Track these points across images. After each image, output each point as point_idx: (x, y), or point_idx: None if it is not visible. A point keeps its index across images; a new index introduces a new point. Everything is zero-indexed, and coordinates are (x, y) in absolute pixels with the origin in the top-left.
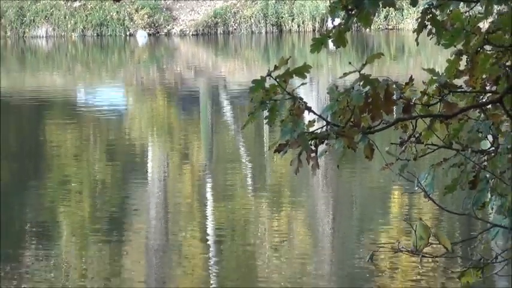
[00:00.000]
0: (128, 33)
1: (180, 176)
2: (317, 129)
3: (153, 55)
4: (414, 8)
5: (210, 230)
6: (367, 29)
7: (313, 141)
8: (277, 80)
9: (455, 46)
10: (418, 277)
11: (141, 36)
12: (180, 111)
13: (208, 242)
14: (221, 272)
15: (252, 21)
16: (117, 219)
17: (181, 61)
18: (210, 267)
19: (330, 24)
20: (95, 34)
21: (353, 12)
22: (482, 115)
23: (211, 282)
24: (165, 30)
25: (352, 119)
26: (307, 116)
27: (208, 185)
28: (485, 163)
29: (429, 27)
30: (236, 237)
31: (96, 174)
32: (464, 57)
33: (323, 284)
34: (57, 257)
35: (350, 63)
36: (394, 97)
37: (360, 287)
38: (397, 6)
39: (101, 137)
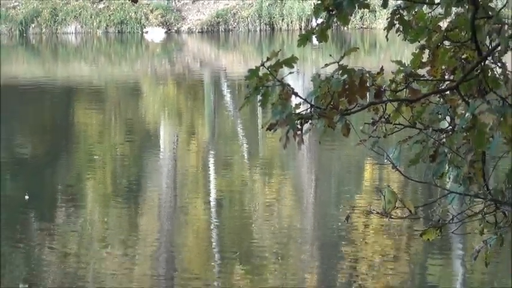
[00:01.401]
0: (143, 31)
1: (187, 150)
2: (302, 111)
3: (165, 49)
4: (385, 10)
5: (212, 195)
6: (345, 28)
7: (298, 121)
8: (269, 69)
9: (419, 41)
10: (387, 235)
11: (157, 33)
12: (187, 96)
13: (211, 204)
14: (221, 229)
15: (249, 20)
16: (134, 186)
17: (189, 54)
18: (211, 225)
19: (314, 23)
20: (116, 31)
21: (333, 12)
22: (442, 100)
23: (213, 237)
24: (175, 28)
25: (332, 103)
26: (294, 100)
27: (211, 158)
28: (444, 140)
29: (397, 25)
30: (233, 200)
31: (117, 148)
32: (427, 51)
33: (308, 238)
34: (83, 216)
35: (330, 55)
36: (367, 84)
37: (337, 242)
38: (370, 7)
39: (121, 117)
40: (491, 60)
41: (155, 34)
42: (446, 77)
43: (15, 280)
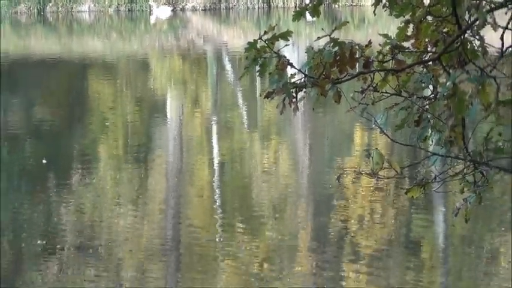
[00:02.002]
0: (151, 8)
1: (192, 116)
2: (297, 80)
3: (171, 26)
4: None
5: (214, 157)
6: (336, 5)
7: (294, 90)
8: (267, 42)
9: (404, 17)
10: (375, 193)
11: (163, 11)
12: (192, 69)
13: (213, 166)
14: (222, 187)
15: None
16: (143, 149)
17: (193, 30)
18: (214, 184)
19: (307, 1)
20: (127, 9)
21: None
22: (425, 70)
23: (216, 194)
24: (180, 6)
25: (324, 72)
26: (290, 70)
27: (213, 124)
28: (427, 106)
29: (384, 1)
30: (234, 162)
31: (127, 115)
32: (411, 25)
33: (302, 195)
34: (97, 177)
35: (323, 29)
36: (357, 56)
37: (329, 199)
38: None
39: (131, 88)
40: (470, 34)
41: (162, 12)
42: (429, 49)
43: (35, 236)
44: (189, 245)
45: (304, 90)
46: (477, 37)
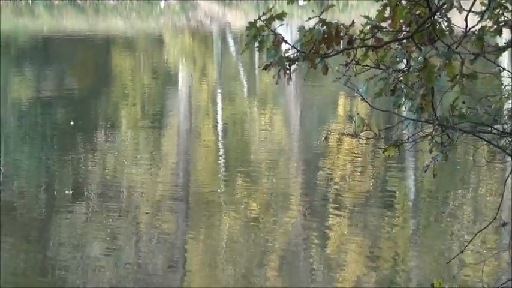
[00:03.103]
0: None
1: (200, 87)
2: (290, 55)
3: (182, 8)
4: None
5: (219, 121)
6: None
7: (287, 63)
8: (265, 22)
9: (382, 0)
10: (356, 150)
11: None
12: (200, 45)
13: (218, 129)
14: (225, 146)
15: None
16: (158, 114)
17: (201, 12)
18: (219, 144)
19: None
20: None
21: None
22: (400, 46)
23: (220, 152)
24: None
25: (313, 48)
26: (284, 46)
27: (218, 92)
28: (401, 78)
29: None
30: (236, 125)
31: (145, 85)
32: (388, 8)
33: (294, 153)
34: (118, 137)
35: (313, 11)
36: (341, 34)
37: (317, 157)
38: None
39: (148, 61)
40: (439, 16)
41: None
42: (403, 28)
43: (63, 187)
44: (196, 190)
45: (296, 63)
46: (445, 18)
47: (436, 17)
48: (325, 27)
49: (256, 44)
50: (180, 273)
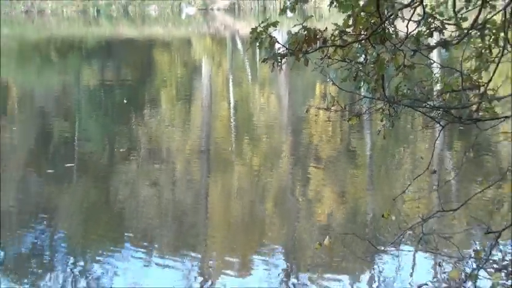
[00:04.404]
0: (181, 8)
1: (217, 75)
2: (281, 51)
3: (203, 19)
4: None
5: (231, 100)
6: (305, 6)
7: (279, 57)
8: (263, 28)
9: (347, 12)
10: (329, 121)
11: (191, 10)
12: (216, 45)
13: (230, 106)
14: (236, 117)
15: (251, 4)
16: (187, 95)
17: (218, 22)
18: (231, 115)
19: (288, 3)
20: (177, 10)
21: None
22: (360, 45)
23: (231, 121)
24: (210, 7)
25: (298, 47)
26: (277, 45)
27: (230, 79)
28: (361, 68)
29: (335, 3)
30: (242, 101)
31: (177, 74)
32: (352, 18)
33: (284, 122)
34: (159, 111)
35: (297, 20)
36: (318, 36)
37: (301, 125)
38: None
39: (179, 57)
40: (388, 23)
41: (190, 10)
42: (362, 32)
43: (120, 146)
44: (215, 147)
45: (286, 57)
46: (392, 25)
47: (385, 24)
48: (306, 32)
49: (257, 44)
50: (203, 206)
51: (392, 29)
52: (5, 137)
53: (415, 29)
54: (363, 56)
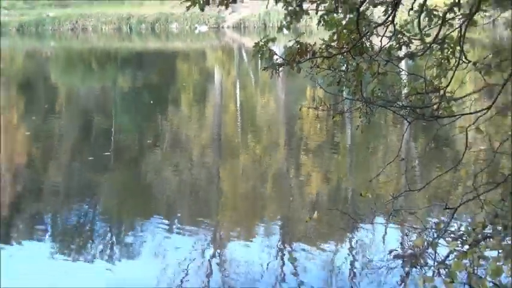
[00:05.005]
0: (196, 26)
1: (226, 80)
2: (278, 61)
3: (216, 35)
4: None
5: (237, 100)
6: (298, 25)
7: (277, 66)
8: (264, 42)
9: (332, 30)
10: (317, 118)
11: (203, 28)
12: (226, 56)
13: (237, 104)
14: (241, 114)
15: (254, 23)
16: (203, 96)
17: (228, 37)
18: (237, 112)
19: (284, 22)
20: (194, 27)
21: (292, 17)
22: (342, 56)
23: (238, 117)
24: (221, 25)
25: (292, 58)
26: (275, 57)
27: (237, 82)
28: (343, 75)
29: (322, 23)
30: (247, 100)
31: (195, 80)
32: (336, 34)
33: (279, 116)
34: (180, 109)
35: (292, 36)
36: (308, 49)
37: (295, 119)
38: (309, 15)
39: (196, 65)
40: (365, 39)
41: (202, 28)
42: (344, 46)
43: (147, 138)
44: (225, 137)
45: (282, 66)
46: (368, 40)
47: (363, 39)
48: (298, 45)
49: (259, 55)
50: (216, 184)
51: (369, 43)
52: (55, 130)
53: (387, 43)
54: (345, 65)
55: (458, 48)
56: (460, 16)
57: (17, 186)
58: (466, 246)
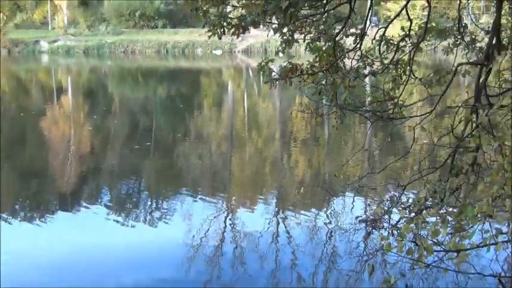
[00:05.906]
0: (216, 50)
1: (237, 91)
2: (276, 77)
3: (228, 57)
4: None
5: (245, 105)
6: (290, 49)
7: (274, 80)
8: (265, 63)
9: (315, 54)
10: (304, 116)
11: (218, 51)
12: (236, 73)
13: (245, 108)
14: (248, 116)
15: (259, 48)
16: (219, 101)
17: (238, 59)
18: (245, 115)
19: (279, 48)
20: (208, 51)
21: (286, 44)
22: (323, 73)
23: (245, 118)
24: (233, 50)
25: (286, 74)
26: (273, 73)
27: (245, 93)
28: (323, 87)
29: (308, 48)
30: (252, 105)
31: (213, 91)
32: (318, 57)
33: (276, 116)
34: (200, 110)
35: (285, 58)
36: (297, 68)
37: (288, 117)
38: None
39: (214, 80)
40: (340, 60)
41: (217, 51)
42: (324, 65)
43: (177, 133)
44: (235, 133)
45: (278, 80)
46: (342, 62)
47: (338, 61)
48: (290, 65)
49: (261, 72)
50: (228, 167)
51: (342, 64)
52: (110, 126)
53: (356, 64)
54: (325, 80)
55: (408, 68)
56: (410, 44)
57: (83, 167)
58: (413, 214)
